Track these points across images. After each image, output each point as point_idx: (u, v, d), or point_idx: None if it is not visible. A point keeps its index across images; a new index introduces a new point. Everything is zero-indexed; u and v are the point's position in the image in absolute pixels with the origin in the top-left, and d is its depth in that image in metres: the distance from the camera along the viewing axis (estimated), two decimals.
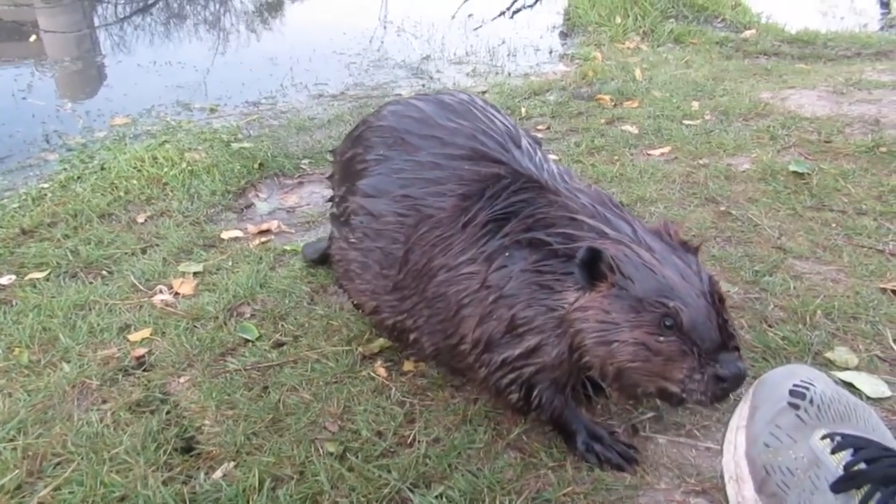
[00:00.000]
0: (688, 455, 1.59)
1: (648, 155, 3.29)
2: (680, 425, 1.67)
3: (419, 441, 1.64)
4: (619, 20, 6.02)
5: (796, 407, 1.33)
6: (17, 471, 1.58)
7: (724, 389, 1.32)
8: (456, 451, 1.60)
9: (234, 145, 3.56)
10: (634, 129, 3.60)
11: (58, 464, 1.62)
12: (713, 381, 1.31)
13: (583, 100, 4.22)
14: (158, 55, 5.91)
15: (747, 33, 5.72)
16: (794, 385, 1.37)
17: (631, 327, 1.36)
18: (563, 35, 6.32)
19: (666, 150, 3.32)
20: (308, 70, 5.29)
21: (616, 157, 3.26)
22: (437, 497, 1.48)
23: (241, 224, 2.87)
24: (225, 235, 2.74)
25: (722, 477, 1.41)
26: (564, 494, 1.49)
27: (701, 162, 3.15)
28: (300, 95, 4.74)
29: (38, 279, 2.45)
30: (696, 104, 3.92)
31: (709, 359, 1.31)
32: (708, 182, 2.93)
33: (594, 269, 1.40)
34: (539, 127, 3.77)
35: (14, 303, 2.32)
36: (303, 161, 3.48)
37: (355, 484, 1.52)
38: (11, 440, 1.68)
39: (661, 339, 1.33)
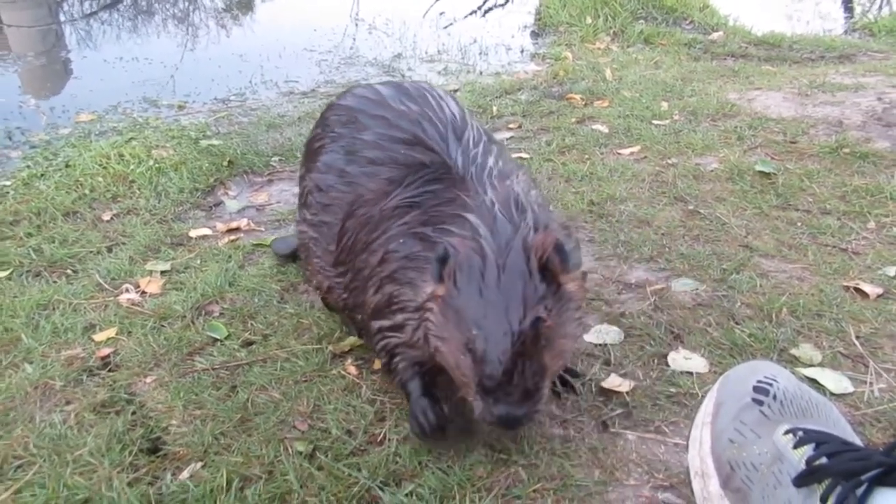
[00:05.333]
0: (656, 451, 1.61)
1: (618, 154, 3.32)
2: (649, 421, 1.69)
3: (389, 439, 1.64)
4: (589, 21, 6.06)
5: (760, 403, 1.36)
6: None
7: (498, 424, 1.36)
8: (426, 448, 1.60)
9: (203, 142, 3.52)
10: (605, 129, 3.63)
11: (19, 466, 1.58)
12: (489, 412, 1.35)
13: (554, 99, 4.24)
14: (125, 51, 5.81)
15: (715, 35, 5.79)
16: (758, 381, 1.40)
17: (448, 337, 1.41)
18: (535, 35, 6.34)
19: (636, 149, 3.35)
20: (278, 67, 5.24)
21: (587, 156, 3.28)
22: (407, 495, 1.47)
23: (209, 222, 2.84)
24: (193, 233, 2.71)
25: (688, 472, 1.42)
26: (534, 491, 1.49)
27: (670, 161, 3.19)
28: (270, 92, 4.69)
29: None
30: (665, 104, 3.96)
31: (487, 394, 1.35)
32: (676, 181, 2.96)
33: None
34: (510, 125, 3.78)
35: None
36: (273, 159, 3.45)
37: (325, 483, 1.51)
38: None
39: (463, 358, 1.38)
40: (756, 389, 1.37)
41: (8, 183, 3.15)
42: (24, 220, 2.80)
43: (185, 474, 1.55)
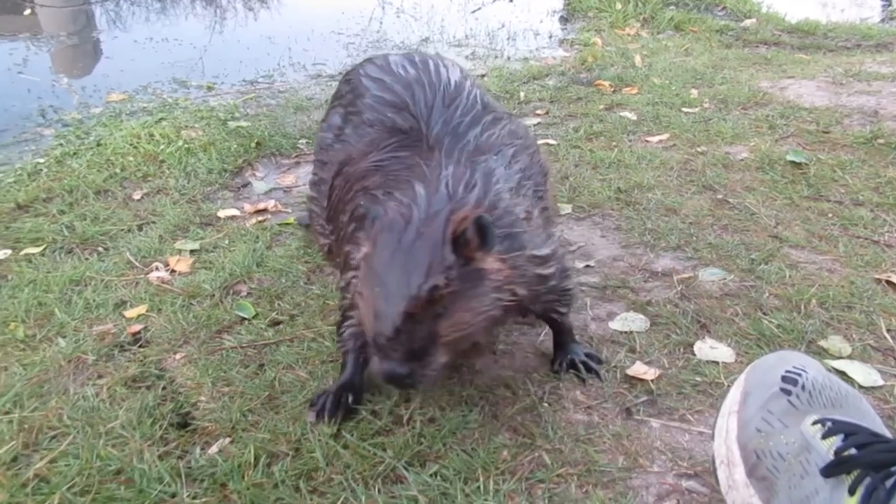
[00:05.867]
0: (681, 439, 1.61)
1: (647, 141, 3.29)
2: (674, 409, 1.69)
3: (414, 420, 1.65)
4: (619, 6, 5.99)
5: (788, 393, 1.35)
6: (13, 443, 1.58)
7: (383, 380, 1.42)
8: (451, 430, 1.61)
9: (232, 124, 3.55)
10: (633, 116, 3.60)
11: (54, 437, 1.62)
12: (378, 367, 1.41)
13: (582, 85, 4.20)
14: (155, 31, 5.86)
15: (748, 22, 5.70)
16: (787, 371, 1.38)
17: (364, 294, 1.44)
18: (563, 20, 6.28)
19: (664, 137, 3.32)
20: (306, 50, 5.25)
21: (614, 143, 3.26)
22: (431, 475, 1.49)
23: (237, 203, 2.87)
24: (221, 214, 2.74)
25: (713, 461, 1.42)
26: (558, 475, 1.50)
27: (699, 150, 3.15)
28: (298, 75, 4.71)
29: (33, 254, 2.44)
30: (695, 92, 3.92)
31: (378, 349, 1.40)
32: (705, 170, 2.93)
33: None
34: (538, 111, 3.76)
35: (9, 277, 2.31)
36: (300, 141, 3.47)
37: (350, 461, 1.53)
38: (7, 413, 1.69)
39: (368, 314, 1.42)
40: (784, 379, 1.36)
41: (41, 160, 3.20)
42: (57, 197, 2.85)
43: (213, 449, 1.58)
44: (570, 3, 6.51)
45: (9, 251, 2.47)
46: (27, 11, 6.21)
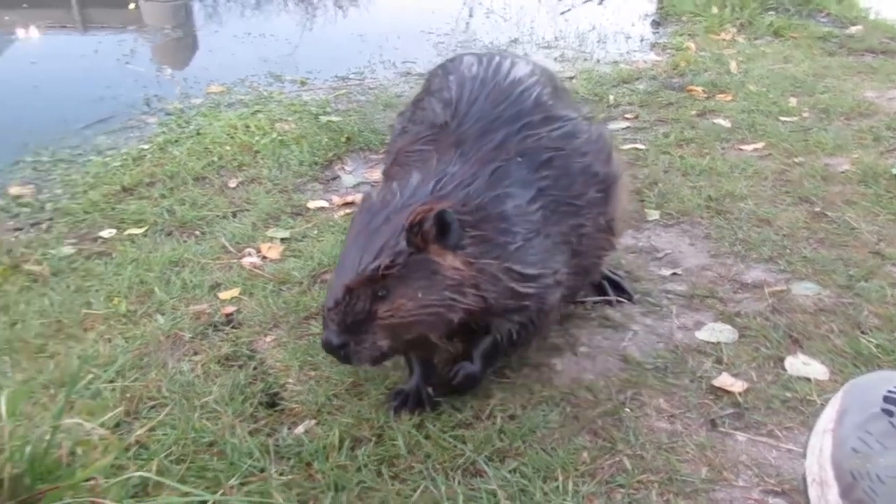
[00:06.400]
0: (768, 455, 1.56)
1: (740, 150, 3.20)
2: (761, 424, 1.64)
3: (495, 416, 1.67)
4: (715, 10, 5.81)
5: (890, 414, 1.29)
6: (117, 409, 1.68)
7: (322, 347, 1.54)
8: (531, 429, 1.62)
9: (323, 118, 3.65)
10: (727, 123, 3.50)
11: (153, 407, 1.72)
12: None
13: (673, 90, 4.11)
14: (251, 27, 6.05)
15: (853, 29, 5.44)
16: (889, 391, 1.32)
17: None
18: (656, 24, 6.15)
19: (759, 145, 3.21)
20: (396, 48, 5.32)
21: (706, 151, 3.17)
22: (511, 471, 1.50)
23: (326, 195, 2.94)
24: (311, 205, 2.82)
25: (804, 479, 1.37)
26: (638, 482, 1.49)
27: (796, 160, 3.04)
28: (388, 73, 4.78)
29: (136, 235, 2.58)
30: (793, 100, 3.77)
31: (323, 320, 1.52)
32: (803, 181, 2.82)
33: None
34: (627, 115, 3.70)
35: (114, 255, 2.45)
36: (388, 138, 3.52)
37: (431, 451, 1.56)
38: (111, 381, 1.79)
39: None
40: (887, 399, 1.30)
41: (146, 147, 3.38)
42: (159, 182, 3.00)
43: (300, 429, 1.64)
44: (664, 6, 6.37)
45: (114, 231, 2.62)
46: (132, 6, 6.52)
